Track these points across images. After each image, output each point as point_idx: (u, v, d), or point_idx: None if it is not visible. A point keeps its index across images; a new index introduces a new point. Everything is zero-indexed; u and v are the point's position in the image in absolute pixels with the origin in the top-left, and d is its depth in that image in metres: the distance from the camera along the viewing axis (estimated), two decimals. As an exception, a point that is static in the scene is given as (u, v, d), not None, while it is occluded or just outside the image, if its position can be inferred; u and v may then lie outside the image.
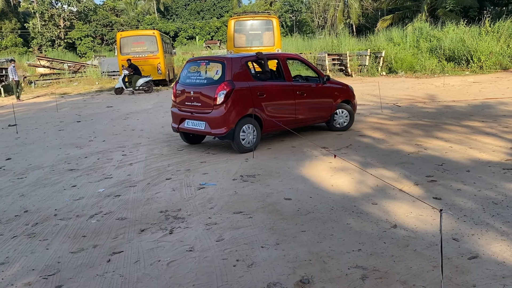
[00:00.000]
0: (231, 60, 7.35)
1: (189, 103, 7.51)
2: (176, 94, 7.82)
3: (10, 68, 19.41)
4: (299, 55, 9.18)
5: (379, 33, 27.86)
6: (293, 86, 8.04)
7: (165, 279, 3.34)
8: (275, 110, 7.67)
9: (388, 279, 3.19)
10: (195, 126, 7.42)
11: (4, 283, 3.41)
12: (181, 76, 7.91)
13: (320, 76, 8.62)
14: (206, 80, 7.48)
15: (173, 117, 7.95)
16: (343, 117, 8.92)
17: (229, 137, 7.19)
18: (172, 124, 8.00)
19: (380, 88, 14.27)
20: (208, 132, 7.29)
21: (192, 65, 7.85)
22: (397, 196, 4.91)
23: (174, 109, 7.88)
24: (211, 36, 59.72)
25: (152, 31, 23.24)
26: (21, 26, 56.39)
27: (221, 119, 7.07)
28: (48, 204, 5.25)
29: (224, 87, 7.05)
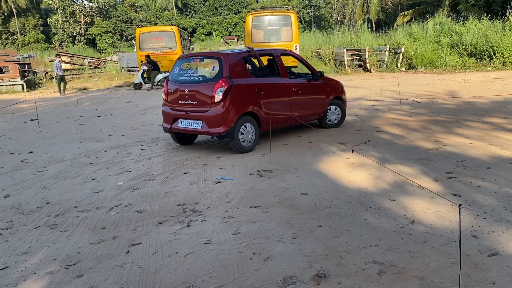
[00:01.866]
0: (228, 56, 7.05)
1: (183, 102, 7.14)
2: (167, 93, 7.41)
3: (55, 62, 19.82)
4: (292, 51, 9.03)
5: (399, 28, 27.48)
6: (289, 83, 7.85)
7: (183, 271, 3.39)
8: (273, 107, 7.43)
9: (405, 274, 3.17)
10: (191, 125, 7.06)
11: (27, 271, 3.51)
12: (172, 74, 7.51)
13: (313, 72, 8.46)
14: (201, 77, 7.13)
15: (164, 116, 7.54)
16: (335, 114, 8.82)
17: (228, 137, 6.87)
18: (163, 124, 7.58)
19: (400, 84, 14.10)
20: (205, 131, 6.96)
21: (185, 62, 7.46)
22: (416, 192, 4.86)
23: (166, 108, 7.48)
24: (229, 32, 59.79)
25: (171, 27, 23.42)
26: (43, 22, 57.39)
27: (220, 117, 6.77)
28: (69, 196, 5.37)
29: (222, 84, 6.73)
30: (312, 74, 8.48)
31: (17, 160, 7.47)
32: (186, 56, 7.77)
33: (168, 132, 7.61)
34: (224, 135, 6.84)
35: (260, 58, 7.70)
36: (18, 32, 54.84)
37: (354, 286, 3.05)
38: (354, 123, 9.25)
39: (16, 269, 3.56)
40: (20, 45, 51.12)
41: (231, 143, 7.03)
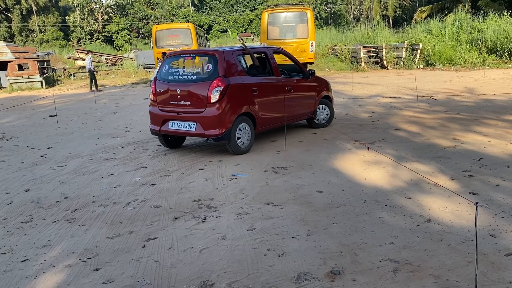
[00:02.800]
0: (223, 54, 6.68)
1: (174, 102, 6.73)
2: (156, 93, 6.97)
3: (87, 58, 20.15)
4: (283, 49, 8.68)
5: (416, 24, 27.08)
6: (282, 82, 7.64)
7: (198, 266, 3.43)
8: (267, 107, 7.22)
9: (421, 273, 3.15)
10: (183, 127, 6.68)
11: (47, 264, 3.59)
12: (160, 72, 7.08)
13: (303, 71, 8.22)
14: (195, 76, 6.71)
15: (152, 118, 7.10)
16: (324, 113, 8.66)
17: (225, 139, 6.57)
18: (151, 126, 7.13)
19: (417, 81, 13.93)
20: (200, 133, 6.60)
21: (175, 60, 7.01)
22: (432, 190, 4.81)
23: (154, 109, 7.04)
24: (245, 29, 59.79)
25: (187, 24, 23.50)
26: (62, 20, 58.23)
27: (216, 119, 6.44)
28: (86, 191, 5.46)
29: (219, 84, 6.41)
30: (302, 72, 8.24)
31: (37, 155, 7.62)
32: (176, 54, 7.22)
33: (156, 134, 7.19)
34: (221, 137, 6.52)
35: (254, 56, 7.45)
36: (38, 29, 55.74)
37: (369, 283, 3.05)
38: (370, 121, 9.19)
39: (36, 261, 3.65)
40: (39, 43, 52.00)
41: (228, 145, 6.75)
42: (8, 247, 3.95)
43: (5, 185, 5.89)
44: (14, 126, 10.92)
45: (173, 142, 7.51)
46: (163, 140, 7.36)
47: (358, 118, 9.55)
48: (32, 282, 3.32)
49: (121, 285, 3.21)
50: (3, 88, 21.63)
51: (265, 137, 8.06)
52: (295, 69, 8.45)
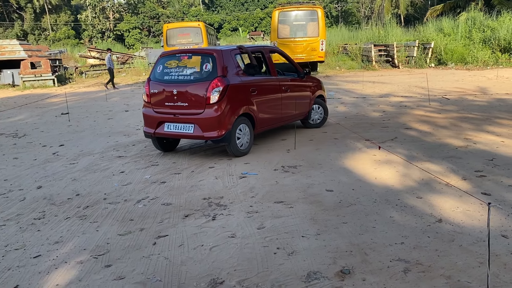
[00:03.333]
0: (221, 53, 6.47)
1: (170, 104, 6.49)
2: (150, 94, 6.71)
3: (107, 57, 20.36)
4: (279, 48, 8.53)
5: (428, 23, 26.84)
6: (279, 81, 7.48)
7: (208, 263, 3.44)
8: (265, 107, 7.06)
9: (431, 273, 3.13)
10: (180, 129, 6.44)
11: (59, 260, 3.63)
12: (154, 73, 6.82)
13: (298, 70, 8.04)
14: (192, 76, 6.47)
15: (146, 120, 6.84)
16: (318, 113, 8.56)
17: (225, 140, 6.37)
18: (145, 129, 6.86)
19: (428, 80, 13.82)
20: (199, 135, 6.38)
21: (170, 60, 6.75)
22: (443, 190, 4.77)
23: (148, 110, 6.79)
24: (255, 27, 59.77)
25: (197, 23, 23.58)
26: (74, 18, 58.75)
27: (216, 120, 6.22)
28: (98, 189, 5.51)
29: (218, 84, 6.21)
30: (297, 72, 8.06)
31: (49, 152, 7.70)
32: (171, 53, 6.99)
33: (150, 137, 6.96)
34: (221, 139, 6.32)
35: (251, 55, 7.22)
36: (50, 28, 56.31)
37: (379, 283, 3.04)
38: (381, 120, 9.14)
39: (48, 257, 3.69)
40: (51, 41, 52.51)
41: (227, 147, 6.55)
42: (21, 243, 4.01)
43: (18, 182, 5.96)
44: (26, 123, 11.05)
45: (167, 145, 7.27)
46: (157, 143, 7.10)
47: (369, 117, 9.50)
48: (44, 277, 3.36)
49: (132, 281, 3.23)
50: (16, 86, 21.90)
51: (275, 135, 8.06)
52: (289, 68, 8.32)
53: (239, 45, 7.16)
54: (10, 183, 5.94)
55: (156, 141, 7.06)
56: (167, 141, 7.21)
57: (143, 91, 6.88)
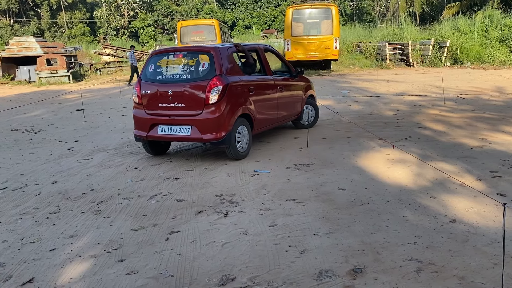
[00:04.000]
0: (219, 51, 6.20)
1: (165, 105, 6.14)
2: (142, 95, 6.33)
3: (129, 53, 20.59)
4: (272, 47, 8.36)
5: (444, 21, 26.52)
6: (274, 81, 7.30)
7: (220, 259, 3.46)
8: (263, 107, 6.83)
9: (445, 273, 3.11)
10: (176, 132, 6.11)
11: (73, 254, 3.69)
12: (145, 72, 6.47)
13: (291, 69, 7.89)
14: (189, 75, 6.15)
15: (137, 123, 6.46)
16: (309, 113, 8.42)
17: (226, 142, 6.07)
18: (136, 132, 6.50)
19: (444, 79, 13.65)
20: (197, 138, 6.08)
21: (163, 58, 6.42)
22: (458, 190, 4.72)
23: (139, 112, 6.41)
24: (268, 25, 59.65)
25: (211, 21, 23.66)
26: (89, 16, 59.33)
27: (216, 121, 5.95)
28: (112, 184, 5.57)
29: (217, 83, 5.93)
30: (289, 71, 7.91)
31: (64, 148, 7.81)
32: (163, 51, 6.63)
33: (141, 140, 6.58)
34: (221, 141, 6.03)
35: (248, 53, 6.98)
36: (66, 25, 56.94)
37: (391, 282, 3.02)
38: (395, 119, 9.07)
39: (63, 251, 3.75)
40: (67, 38, 53.12)
41: (227, 150, 6.26)
42: (37, 236, 4.07)
43: (34, 177, 6.06)
44: (42, 119, 11.21)
45: (159, 148, 6.94)
46: (148, 147, 6.74)
47: (383, 116, 9.44)
48: (59, 270, 3.41)
49: (145, 276, 3.27)
50: (32, 82, 22.22)
51: (287, 133, 8.06)
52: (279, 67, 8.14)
53: (235, 43, 6.86)
54: (26, 177, 6.04)
55: (147, 145, 6.70)
56: (158, 144, 6.86)
57: (133, 92, 6.54)
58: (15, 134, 9.24)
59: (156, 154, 6.88)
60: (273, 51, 7.98)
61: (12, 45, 23.16)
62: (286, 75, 7.84)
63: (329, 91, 14.11)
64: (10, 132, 9.54)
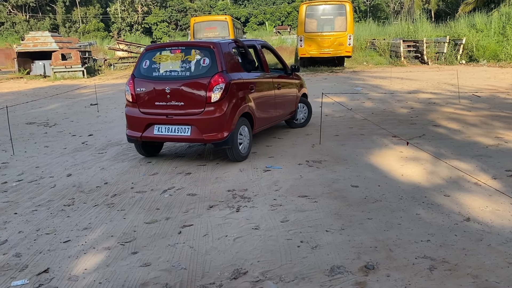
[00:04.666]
0: (220, 46, 5.91)
1: (162, 103, 5.83)
2: (135, 92, 6.01)
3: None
4: (268, 43, 8.03)
5: (460, 18, 26.16)
6: (272, 78, 7.09)
7: (232, 254, 3.48)
8: (262, 106, 6.60)
9: (458, 271, 3.08)
10: (174, 132, 5.80)
11: (87, 245, 3.74)
12: (140, 69, 6.12)
13: (286, 67, 7.67)
14: (188, 71, 5.83)
15: (130, 122, 6.14)
16: (303, 112, 8.26)
17: (229, 143, 5.78)
18: (128, 132, 6.16)
19: (459, 77, 13.47)
20: (198, 138, 5.78)
21: (159, 54, 6.10)
22: (472, 189, 4.67)
23: (133, 111, 6.08)
24: (281, 21, 59.46)
25: (224, 17, 23.67)
26: (103, 11, 59.77)
27: (218, 120, 5.66)
28: (125, 178, 5.62)
29: (219, 80, 5.64)
30: (284, 69, 7.69)
31: (78, 142, 7.90)
32: (159, 47, 6.31)
33: (134, 141, 6.24)
34: (224, 141, 5.72)
35: (248, 49, 6.71)
36: (80, 20, 57.43)
37: (403, 279, 3.01)
38: (409, 116, 8.98)
39: (77, 242, 3.80)
40: (81, 33, 53.58)
41: (228, 151, 5.96)
42: (52, 228, 4.14)
43: (49, 169, 6.14)
44: (57, 113, 11.35)
45: (152, 148, 6.62)
46: (141, 148, 6.40)
47: (396, 114, 9.36)
48: (73, 262, 3.46)
49: (158, 269, 3.30)
50: (47, 77, 22.48)
51: (300, 130, 8.04)
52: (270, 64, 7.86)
53: (234, 38, 6.54)
54: (42, 170, 6.12)
55: (139, 146, 6.36)
56: (152, 144, 6.55)
57: (126, 89, 6.19)
58: (31, 128, 9.38)
59: (149, 155, 6.57)
60: (269, 47, 7.74)
61: (28, 40, 23.44)
62: (281, 73, 7.64)
63: (342, 88, 14.04)
64: (26, 125, 9.68)
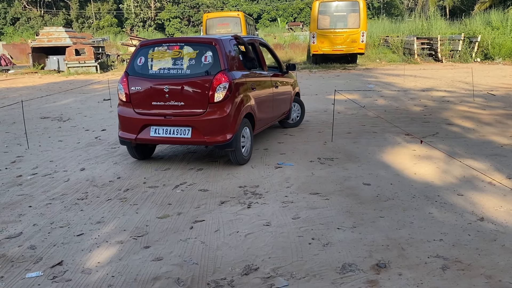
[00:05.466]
0: (222, 43, 5.55)
1: (159, 103, 5.45)
2: (130, 91, 5.60)
3: None
4: (264, 40, 7.80)
5: (476, 16, 25.78)
6: (270, 77, 6.82)
7: (243, 249, 3.49)
8: (262, 106, 6.31)
9: (471, 271, 3.05)
10: (173, 134, 5.45)
11: (100, 239, 3.78)
12: (134, 66, 5.71)
13: (281, 65, 7.39)
14: (189, 69, 5.48)
15: (124, 123, 5.73)
16: (296, 112, 8.03)
17: (233, 146, 5.47)
18: (121, 134, 5.77)
19: (473, 75, 13.30)
20: (199, 141, 5.44)
21: (155, 50, 5.70)
22: (486, 188, 4.62)
23: (126, 111, 5.67)
24: (294, 18, 59.22)
25: (237, 13, 23.62)
26: (116, 7, 60.12)
27: (222, 122, 5.35)
28: (138, 173, 5.67)
29: (223, 79, 5.32)
30: (279, 67, 7.40)
31: (91, 136, 7.97)
32: (154, 43, 5.90)
33: (126, 144, 5.85)
34: (228, 143, 5.41)
35: (248, 46, 6.39)
36: (94, 16, 57.85)
37: (416, 278, 2.99)
38: (422, 114, 8.90)
39: (91, 236, 3.84)
40: (95, 29, 53.97)
41: (231, 154, 5.65)
42: (66, 221, 4.19)
43: (62, 163, 6.21)
44: (71, 108, 11.46)
45: (146, 151, 6.25)
46: (134, 151, 6.00)
47: (409, 111, 9.28)
48: (87, 255, 3.50)
49: (170, 263, 3.32)
50: (61, 72, 22.70)
51: (312, 127, 8.02)
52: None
53: (235, 35, 6.19)
54: (55, 164, 6.20)
55: (133, 148, 5.96)
56: (146, 146, 6.18)
57: (118, 88, 5.78)
58: (45, 122, 9.49)
59: (142, 158, 6.20)
60: (265, 44, 7.47)
61: (42, 35, 23.68)
62: (276, 71, 7.30)
63: (355, 85, 13.95)
64: (40, 120, 9.80)
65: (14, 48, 29.49)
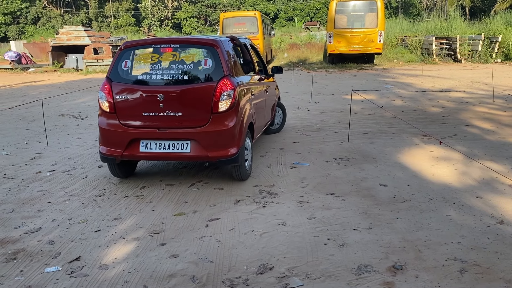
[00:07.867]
0: (222, 44, 4.90)
1: (152, 114, 4.68)
2: (115, 100, 4.80)
3: None
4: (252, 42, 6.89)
5: (496, 15, 25.31)
6: (262, 81, 6.32)
7: (258, 248, 3.49)
8: (259, 113, 5.78)
9: (490, 275, 3.00)
10: (169, 149, 4.72)
11: (117, 235, 3.82)
12: (118, 70, 4.92)
13: (266, 67, 6.82)
14: (186, 75, 4.78)
15: (106, 137, 4.92)
16: (278, 117, 7.57)
17: (239, 160, 4.83)
18: (103, 149, 4.93)
19: (493, 76, 13.06)
20: (200, 156, 4.72)
21: (144, 52, 5.02)
22: (506, 191, 4.53)
23: (110, 124, 4.87)
24: (311, 17, 58.99)
25: (254, 12, 23.60)
26: (134, 6, 60.73)
27: (227, 134, 4.70)
28: (154, 170, 5.71)
29: (228, 86, 4.66)
30: (264, 70, 6.77)
31: (109, 134, 8.05)
32: (141, 44, 5.19)
33: (108, 160, 5.00)
34: (234, 158, 4.75)
35: (244, 48, 5.83)
36: (112, 15, 58.53)
37: (433, 281, 2.95)
38: (440, 115, 8.78)
39: (108, 232, 3.89)
40: (113, 28, 54.61)
41: (234, 170, 5.01)
42: (83, 217, 4.25)
43: (80, 161, 6.30)
44: (89, 106, 11.61)
45: (129, 168, 5.45)
46: (115, 168, 5.16)
47: (427, 112, 9.16)
48: (104, 251, 3.55)
49: (185, 260, 3.34)
50: (79, 70, 23.03)
51: (328, 128, 7.98)
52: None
53: (230, 35, 5.62)
54: (74, 161, 6.29)
55: (114, 166, 5.14)
56: (130, 162, 5.36)
57: (99, 96, 4.96)
58: (64, 120, 9.63)
59: (125, 176, 5.36)
60: (252, 45, 6.60)
61: (62, 34, 24.06)
62: (262, 74, 6.58)
63: (372, 86, 13.83)
64: (59, 117, 9.95)
65: (35, 46, 30.00)
